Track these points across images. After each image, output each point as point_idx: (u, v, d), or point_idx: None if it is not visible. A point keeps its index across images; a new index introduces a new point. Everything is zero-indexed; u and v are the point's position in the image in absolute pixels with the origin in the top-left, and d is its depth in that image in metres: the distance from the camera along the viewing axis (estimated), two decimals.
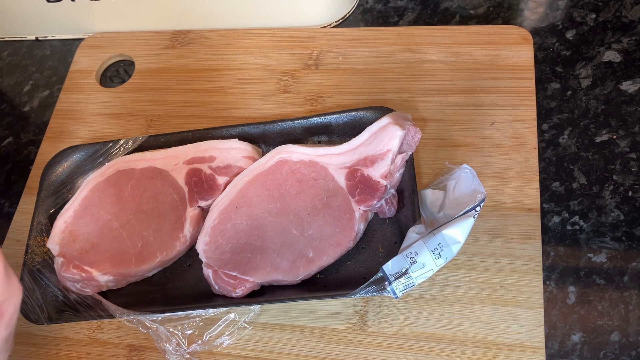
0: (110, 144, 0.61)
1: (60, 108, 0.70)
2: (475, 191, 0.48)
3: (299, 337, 0.52)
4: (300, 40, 0.68)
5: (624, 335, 0.48)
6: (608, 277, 0.50)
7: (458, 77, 0.61)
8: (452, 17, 0.68)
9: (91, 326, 0.56)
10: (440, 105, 0.60)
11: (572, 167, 0.56)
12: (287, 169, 0.54)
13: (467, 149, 0.57)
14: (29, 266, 0.55)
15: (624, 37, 0.62)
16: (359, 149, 0.52)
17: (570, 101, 0.59)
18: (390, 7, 0.70)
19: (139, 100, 0.68)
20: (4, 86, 0.76)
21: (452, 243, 0.45)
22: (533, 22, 0.65)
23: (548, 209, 0.54)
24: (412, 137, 0.51)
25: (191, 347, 0.51)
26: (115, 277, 0.54)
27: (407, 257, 0.46)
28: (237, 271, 0.51)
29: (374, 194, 0.50)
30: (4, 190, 0.68)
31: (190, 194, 0.56)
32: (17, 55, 0.78)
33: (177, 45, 0.71)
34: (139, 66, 0.71)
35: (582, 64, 0.61)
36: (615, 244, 0.52)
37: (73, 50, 0.75)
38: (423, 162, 0.57)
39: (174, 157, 0.58)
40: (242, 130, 0.59)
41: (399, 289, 0.46)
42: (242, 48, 0.69)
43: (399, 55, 0.64)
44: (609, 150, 0.56)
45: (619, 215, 0.53)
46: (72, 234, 0.56)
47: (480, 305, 0.50)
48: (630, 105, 0.58)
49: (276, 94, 0.65)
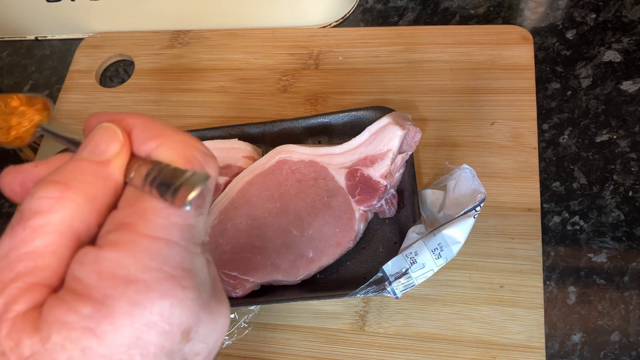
0: None
1: (60, 108, 0.70)
2: (476, 191, 0.48)
3: (299, 337, 0.52)
4: (300, 40, 0.68)
5: (624, 336, 0.48)
6: (608, 277, 0.50)
7: (458, 77, 0.61)
8: (452, 17, 0.68)
9: None
10: (440, 105, 0.60)
11: (572, 167, 0.56)
12: (287, 169, 0.54)
13: (467, 149, 0.57)
14: None
15: (624, 37, 0.62)
16: (359, 149, 0.52)
17: (571, 101, 0.59)
18: (390, 7, 0.70)
19: (139, 100, 0.68)
20: (3, 86, 0.76)
21: (452, 243, 0.45)
22: (533, 21, 0.65)
23: (548, 209, 0.54)
24: (412, 137, 0.51)
25: None
26: None
27: (407, 257, 0.46)
28: (236, 271, 0.51)
29: (374, 194, 0.50)
30: None
31: None
32: (16, 55, 0.78)
33: (177, 45, 0.71)
34: (139, 66, 0.71)
35: (583, 64, 0.61)
36: (616, 244, 0.52)
37: (73, 50, 0.75)
38: (423, 162, 0.57)
39: None
40: (242, 130, 0.59)
41: (399, 289, 0.46)
42: (242, 48, 0.69)
43: (399, 55, 0.64)
44: (609, 150, 0.56)
45: (619, 215, 0.53)
46: None
47: (480, 305, 0.50)
48: (631, 105, 0.58)
49: (276, 94, 0.65)
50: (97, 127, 0.23)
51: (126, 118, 0.24)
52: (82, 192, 0.21)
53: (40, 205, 0.21)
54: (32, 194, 0.21)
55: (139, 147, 0.23)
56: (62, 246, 0.21)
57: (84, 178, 0.22)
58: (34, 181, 0.23)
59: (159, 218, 0.21)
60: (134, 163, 0.23)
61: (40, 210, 0.21)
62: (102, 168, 0.22)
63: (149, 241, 0.20)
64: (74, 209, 0.21)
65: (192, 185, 0.20)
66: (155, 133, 0.23)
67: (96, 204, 0.22)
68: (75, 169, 0.22)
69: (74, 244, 0.21)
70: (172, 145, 0.22)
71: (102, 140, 0.23)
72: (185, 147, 0.22)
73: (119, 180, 0.23)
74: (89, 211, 0.21)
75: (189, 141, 0.23)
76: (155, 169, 0.22)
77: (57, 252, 0.21)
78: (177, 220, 0.21)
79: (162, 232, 0.21)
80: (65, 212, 0.21)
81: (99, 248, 0.21)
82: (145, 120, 0.24)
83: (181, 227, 0.21)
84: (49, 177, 0.22)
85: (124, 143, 0.23)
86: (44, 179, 0.22)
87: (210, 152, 0.23)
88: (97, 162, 0.22)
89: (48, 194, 0.21)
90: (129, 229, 0.21)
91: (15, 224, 0.21)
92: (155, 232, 0.21)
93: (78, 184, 0.21)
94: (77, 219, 0.21)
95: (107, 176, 0.22)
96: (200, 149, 0.23)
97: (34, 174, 0.24)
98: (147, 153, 0.23)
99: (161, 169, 0.21)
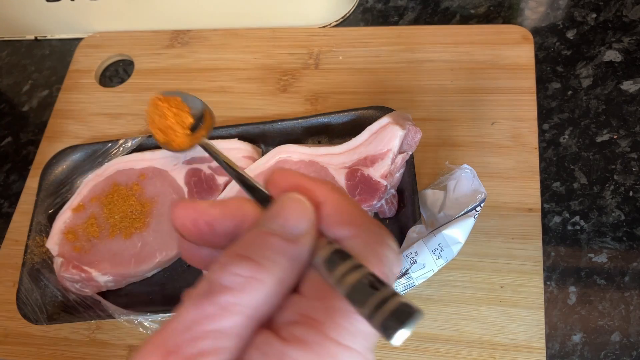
0: (110, 144, 0.60)
1: (59, 108, 0.70)
2: (476, 191, 0.48)
3: None
4: (300, 40, 0.68)
5: (625, 336, 0.48)
6: (609, 277, 0.50)
7: (458, 77, 0.61)
8: (453, 17, 0.68)
9: (90, 326, 0.56)
10: (440, 105, 0.60)
11: (572, 167, 0.56)
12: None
13: (467, 149, 0.57)
14: (28, 266, 0.55)
15: (625, 37, 0.62)
16: (359, 149, 0.52)
17: (571, 101, 0.59)
18: (391, 6, 0.70)
19: (139, 100, 0.68)
20: (3, 86, 0.76)
21: (452, 243, 0.45)
22: (534, 21, 0.65)
23: (549, 209, 0.54)
24: (412, 137, 0.51)
25: None
26: (115, 278, 0.54)
27: (407, 258, 0.46)
28: None
29: (374, 194, 0.50)
30: (3, 190, 0.68)
31: (189, 194, 0.56)
32: (16, 54, 0.78)
33: (176, 44, 0.71)
34: (139, 66, 0.71)
35: (583, 64, 0.61)
36: (616, 244, 0.52)
37: (72, 49, 0.75)
38: (423, 162, 0.57)
39: (173, 157, 0.57)
40: (242, 130, 0.59)
41: (399, 290, 0.46)
42: (242, 48, 0.69)
43: (399, 55, 0.64)
44: (609, 150, 0.56)
45: (620, 215, 0.53)
46: (71, 234, 0.55)
47: (480, 305, 0.50)
48: (631, 105, 0.58)
49: (276, 93, 0.65)
50: (287, 198, 0.23)
51: (316, 189, 0.23)
52: (273, 274, 0.21)
53: (231, 282, 0.20)
54: (224, 268, 0.21)
55: (329, 227, 0.22)
56: (246, 328, 0.20)
57: (275, 258, 0.21)
58: (207, 222, 0.23)
59: (348, 323, 0.20)
60: (319, 242, 0.22)
61: (231, 288, 0.20)
62: (292, 247, 0.21)
63: (334, 347, 0.20)
64: (263, 291, 0.21)
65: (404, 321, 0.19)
66: (349, 218, 0.22)
67: (284, 287, 0.21)
68: (266, 246, 0.21)
69: (255, 326, 0.21)
70: (367, 240, 0.22)
71: (292, 216, 0.22)
72: (379, 243, 0.22)
73: (306, 261, 0.22)
74: (276, 294, 0.21)
75: (384, 236, 0.22)
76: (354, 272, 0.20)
77: (240, 334, 0.20)
78: (364, 329, 0.21)
79: (348, 339, 0.20)
80: (255, 295, 0.20)
81: (283, 341, 0.20)
82: (338, 197, 0.23)
83: (366, 336, 0.21)
84: (240, 249, 0.21)
85: (315, 222, 0.22)
86: (236, 252, 0.21)
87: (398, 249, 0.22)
88: (287, 240, 0.21)
89: (240, 272, 0.20)
90: (316, 328, 0.20)
91: (202, 296, 0.20)
92: (342, 338, 0.20)
93: (270, 264, 0.21)
94: (265, 302, 0.21)
95: (296, 257, 0.22)
96: (393, 247, 0.22)
97: (208, 214, 0.24)
98: (337, 237, 0.22)
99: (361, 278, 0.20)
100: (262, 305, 0.21)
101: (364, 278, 0.20)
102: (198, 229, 0.24)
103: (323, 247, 0.22)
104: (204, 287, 0.21)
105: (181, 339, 0.19)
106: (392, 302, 0.19)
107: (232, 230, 0.24)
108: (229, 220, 0.24)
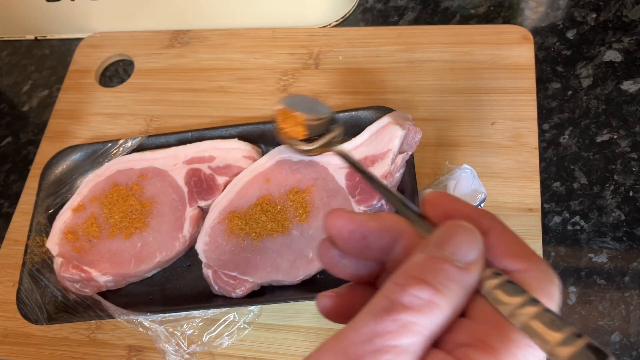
0: (110, 143, 0.60)
1: (59, 108, 0.70)
2: (476, 191, 0.48)
3: (299, 337, 0.51)
4: (300, 40, 0.68)
5: (625, 336, 0.48)
6: (609, 277, 0.50)
7: (458, 77, 0.61)
8: (453, 17, 0.68)
9: (90, 326, 0.56)
10: (440, 105, 0.60)
11: (572, 167, 0.56)
12: (287, 169, 0.54)
13: (467, 149, 0.57)
14: (28, 266, 0.55)
15: (625, 37, 0.62)
16: (359, 149, 0.52)
17: (571, 101, 0.59)
18: (391, 6, 0.70)
19: (139, 100, 0.68)
20: (3, 86, 0.76)
21: None
22: (534, 21, 0.65)
23: (549, 209, 0.54)
24: (413, 137, 0.51)
25: (191, 347, 0.51)
26: (115, 277, 0.54)
27: None
28: (236, 271, 0.51)
29: (374, 194, 0.50)
30: (3, 190, 0.68)
31: (189, 194, 0.56)
32: (16, 54, 0.78)
33: (176, 44, 0.71)
34: (138, 66, 0.71)
35: (583, 64, 0.61)
36: (616, 244, 0.52)
37: (72, 49, 0.75)
38: (423, 162, 0.57)
39: (173, 157, 0.57)
40: (242, 130, 0.59)
41: None
42: (241, 48, 0.69)
43: (399, 55, 0.64)
44: (609, 150, 0.56)
45: (620, 215, 0.53)
46: (71, 234, 0.55)
47: None
48: (631, 105, 0.58)
49: (276, 93, 0.65)
50: (456, 225, 0.23)
51: (481, 217, 0.23)
52: (448, 300, 0.22)
53: (411, 302, 0.21)
54: (404, 289, 0.21)
55: (496, 257, 0.23)
56: (421, 348, 0.21)
57: (450, 285, 0.22)
58: (363, 234, 0.25)
59: (522, 355, 0.21)
60: (486, 271, 0.23)
61: (411, 308, 0.21)
62: (464, 275, 0.22)
63: None
64: (439, 315, 0.21)
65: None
66: (517, 251, 0.23)
67: (455, 312, 0.22)
68: (441, 272, 0.22)
69: (428, 347, 0.22)
70: (539, 277, 0.22)
71: (464, 244, 0.22)
72: (550, 281, 0.22)
73: (474, 288, 0.23)
74: (449, 318, 0.22)
75: (553, 274, 0.23)
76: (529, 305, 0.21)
77: (416, 353, 0.21)
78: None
79: None
80: (433, 318, 0.21)
81: None
82: (503, 228, 0.23)
83: None
84: (417, 273, 0.22)
85: (484, 252, 0.23)
86: (413, 275, 0.22)
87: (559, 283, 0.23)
88: (460, 268, 0.22)
89: (420, 294, 0.21)
90: (491, 355, 0.21)
91: (382, 311, 0.21)
92: None
93: (446, 291, 0.22)
94: (440, 325, 0.22)
95: (467, 285, 0.22)
96: (559, 286, 0.23)
97: (366, 227, 0.25)
98: (505, 268, 0.23)
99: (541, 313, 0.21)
100: (437, 327, 0.21)
101: (543, 313, 0.20)
102: (353, 240, 0.25)
103: (490, 277, 0.22)
104: (383, 303, 0.21)
105: (362, 350, 0.20)
106: (579, 341, 0.19)
107: (386, 244, 0.25)
108: (386, 235, 0.25)
